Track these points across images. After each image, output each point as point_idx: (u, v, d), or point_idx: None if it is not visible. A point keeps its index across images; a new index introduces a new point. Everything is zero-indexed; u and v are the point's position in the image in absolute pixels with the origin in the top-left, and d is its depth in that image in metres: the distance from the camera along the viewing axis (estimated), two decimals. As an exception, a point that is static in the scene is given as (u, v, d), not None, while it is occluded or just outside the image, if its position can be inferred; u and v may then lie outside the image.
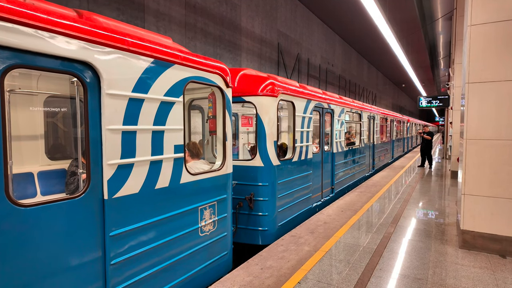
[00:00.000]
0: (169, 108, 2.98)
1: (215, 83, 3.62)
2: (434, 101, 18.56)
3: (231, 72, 5.04)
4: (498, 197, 4.25)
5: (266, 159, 4.90)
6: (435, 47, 19.50)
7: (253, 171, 4.95)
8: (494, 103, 4.25)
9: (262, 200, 4.93)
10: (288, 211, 5.49)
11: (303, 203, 6.09)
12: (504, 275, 3.70)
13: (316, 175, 6.72)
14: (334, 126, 7.73)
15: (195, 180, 3.32)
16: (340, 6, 15.35)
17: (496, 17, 4.18)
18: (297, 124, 5.74)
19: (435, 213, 6.44)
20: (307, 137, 6.13)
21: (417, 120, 32.13)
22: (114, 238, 2.49)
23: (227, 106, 3.80)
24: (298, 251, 4.41)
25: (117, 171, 2.50)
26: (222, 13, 9.97)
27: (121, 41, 2.54)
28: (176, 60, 3.05)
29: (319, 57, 17.58)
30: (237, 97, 4.97)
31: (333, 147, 7.69)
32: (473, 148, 4.39)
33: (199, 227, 3.38)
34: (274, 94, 4.97)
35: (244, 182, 4.98)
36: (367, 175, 11.17)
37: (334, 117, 7.69)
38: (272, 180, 5.00)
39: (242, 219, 5.04)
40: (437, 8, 13.31)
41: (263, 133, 4.86)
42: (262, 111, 4.85)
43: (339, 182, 8.14)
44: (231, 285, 3.48)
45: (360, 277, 3.63)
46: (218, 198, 3.67)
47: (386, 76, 35.37)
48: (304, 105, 6.03)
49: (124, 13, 6.96)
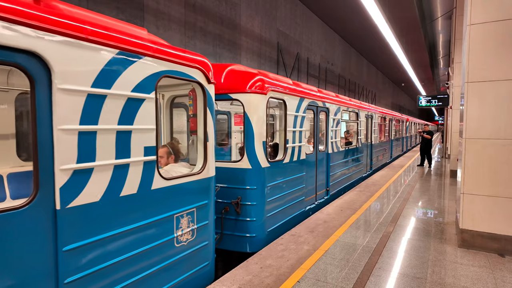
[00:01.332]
0: (138, 105, 2.66)
1: (195, 78, 3.30)
2: (434, 100, 18.57)
3: (218, 67, 4.84)
4: (497, 196, 4.26)
5: (254, 161, 4.62)
6: (434, 46, 19.50)
7: (240, 174, 4.65)
8: (493, 103, 4.25)
9: (249, 204, 4.62)
10: (278, 215, 5.21)
11: (295, 207, 5.81)
12: (503, 274, 3.71)
13: (309, 177, 6.46)
14: (330, 125, 7.48)
15: (170, 186, 3.01)
16: (340, 5, 15.34)
17: (496, 16, 4.18)
18: (289, 123, 5.48)
19: (435, 212, 6.45)
20: (299, 137, 5.86)
21: (417, 119, 32.14)
22: (69, 254, 2.19)
23: (209, 103, 3.51)
24: (297, 250, 4.42)
25: (73, 177, 2.21)
26: (221, 12, 9.96)
27: (78, 29, 2.21)
28: (147, 52, 2.72)
29: (318, 56, 17.58)
30: (224, 94, 4.68)
31: (328, 147, 7.46)
32: (472, 148, 4.40)
33: (175, 237, 3.08)
34: (263, 92, 4.69)
35: (230, 185, 4.68)
36: (364, 176, 10.95)
37: (330, 116, 7.46)
38: (261, 183, 4.70)
39: (229, 224, 4.72)
40: (436, 7, 13.31)
41: (251, 133, 4.59)
42: (250, 110, 4.56)
43: (334, 183, 7.89)
44: (231, 284, 3.49)
45: (359, 276, 3.64)
46: (197, 205, 3.37)
47: (386, 75, 35.37)
48: (297, 104, 5.76)
49: (123, 12, 6.95)
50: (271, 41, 12.80)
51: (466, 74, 4.41)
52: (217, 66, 4.91)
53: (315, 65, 17.18)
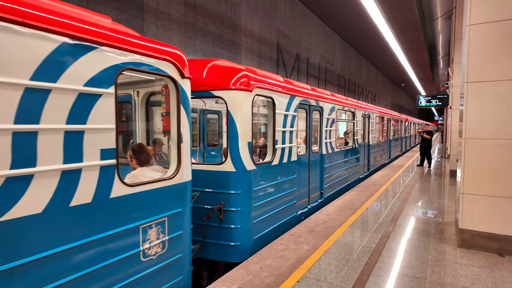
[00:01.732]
0: (93, 101, 2.30)
1: (165, 72, 2.97)
2: (433, 100, 18.57)
3: (200, 63, 4.56)
4: (497, 196, 4.26)
5: (238, 163, 4.29)
6: (434, 46, 19.51)
7: (224, 177, 4.31)
8: (493, 103, 4.26)
9: (233, 210, 4.29)
10: (266, 221, 4.88)
11: (285, 212, 5.48)
12: (502, 274, 3.72)
13: (302, 179, 6.15)
14: (323, 125, 7.16)
15: (135, 193, 2.69)
16: (340, 5, 15.35)
17: (495, 17, 4.18)
18: (278, 123, 5.16)
19: (434, 212, 6.46)
20: (290, 138, 5.53)
21: (416, 119, 32.11)
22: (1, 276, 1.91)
23: (183, 100, 3.20)
24: (297, 250, 4.42)
25: (5, 186, 1.89)
26: (221, 12, 9.96)
27: (11, 11, 1.87)
28: (104, 41, 2.36)
29: (318, 56, 17.58)
30: (205, 91, 4.37)
31: (322, 148, 7.14)
32: (472, 148, 4.41)
33: (141, 251, 2.75)
34: (248, 88, 4.37)
35: (213, 189, 4.36)
36: (361, 177, 10.62)
37: (324, 116, 7.15)
38: (246, 187, 4.37)
39: (212, 232, 4.38)
40: (436, 7, 13.32)
41: (234, 133, 4.27)
42: (233, 108, 4.25)
43: (329, 185, 7.59)
44: (231, 284, 3.49)
45: (359, 276, 3.65)
46: (169, 213, 3.05)
47: (385, 75, 35.39)
48: (287, 102, 5.44)
49: (123, 12, 6.95)
50: (271, 41, 12.80)
51: (465, 74, 4.41)
52: (199, 61, 4.64)
53: (315, 65, 17.18)
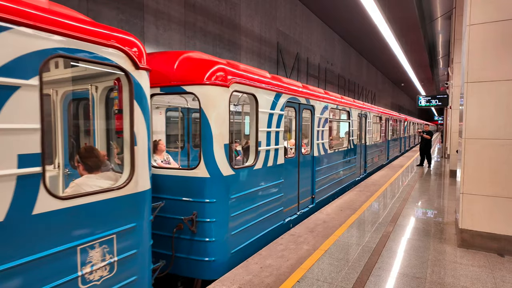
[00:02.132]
0: (5, 96, 1.88)
1: (112, 61, 2.50)
2: (433, 100, 18.58)
3: (171, 55, 4.11)
4: (497, 196, 4.27)
5: (213, 168, 3.81)
6: (434, 46, 19.53)
7: (196, 184, 3.83)
8: (493, 103, 4.26)
9: (208, 221, 3.81)
10: (246, 232, 4.39)
11: (270, 220, 5.02)
12: (502, 274, 3.72)
13: (290, 184, 5.68)
14: (315, 125, 6.69)
15: (71, 207, 2.25)
16: (340, 6, 15.35)
17: (495, 17, 4.19)
18: (262, 123, 4.71)
19: (434, 212, 6.46)
20: (276, 139, 5.07)
21: (416, 119, 32.08)
22: None
23: (138, 95, 2.72)
24: (297, 250, 4.43)
25: None
26: (221, 12, 9.96)
27: None
28: (22, 20, 1.92)
29: (318, 56, 17.59)
30: (176, 86, 3.87)
31: (314, 150, 6.67)
32: (472, 148, 4.41)
33: (80, 276, 2.31)
34: (225, 84, 3.90)
35: (184, 197, 3.87)
36: (357, 179, 10.21)
37: (315, 115, 6.68)
38: (222, 195, 3.91)
39: (183, 246, 3.88)
40: (436, 7, 13.33)
41: (208, 134, 3.78)
42: (207, 105, 3.77)
43: (321, 189, 7.14)
44: (231, 284, 3.49)
45: (359, 276, 3.65)
46: (119, 229, 2.58)
47: (385, 75, 35.40)
48: (272, 99, 4.98)
49: (123, 12, 6.95)
50: (271, 41, 12.80)
51: (465, 74, 4.42)
52: (171, 53, 4.20)
53: (315, 65, 17.18)
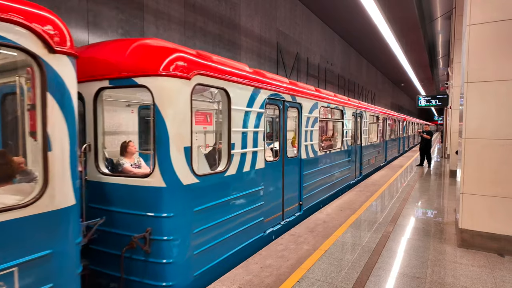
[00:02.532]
0: None
1: (14, 42, 1.99)
2: (433, 100, 18.59)
3: (125, 43, 3.46)
4: (497, 196, 4.27)
5: (170, 176, 3.19)
6: (434, 46, 19.53)
7: (150, 195, 3.22)
8: (493, 103, 4.27)
9: (164, 239, 3.21)
10: (215, 250, 3.76)
11: (247, 233, 4.40)
12: (502, 274, 3.72)
13: (272, 191, 5.12)
14: (302, 124, 6.14)
15: None
16: (340, 5, 15.35)
17: (495, 17, 4.19)
18: (235, 122, 4.11)
19: (434, 212, 6.46)
20: (254, 141, 4.52)
21: (415, 119, 32.06)
22: None
23: (53, 87, 2.18)
24: (297, 250, 4.42)
25: None
26: (221, 12, 9.96)
27: None
28: None
29: (318, 56, 17.58)
30: (126, 78, 3.24)
31: (301, 152, 6.10)
32: (472, 148, 4.41)
33: None
34: (185, 75, 3.30)
35: (136, 211, 3.27)
36: (352, 183, 9.58)
37: (303, 114, 6.10)
38: (182, 208, 3.31)
39: (136, 267, 3.28)
40: (436, 7, 13.33)
41: (164, 135, 3.17)
42: (162, 100, 3.16)
43: (310, 195, 6.54)
44: (231, 284, 3.49)
45: (359, 276, 3.65)
46: (24, 260, 2.06)
47: (385, 75, 35.40)
48: (249, 95, 4.39)
49: (123, 12, 6.95)
50: (270, 41, 12.80)
51: (465, 74, 4.42)
52: (125, 41, 3.59)
53: (315, 65, 17.18)
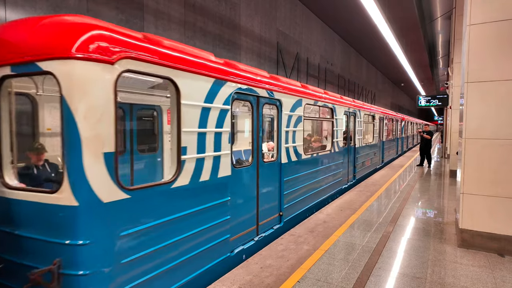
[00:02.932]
0: None
1: None
2: (433, 100, 18.59)
3: (35, 20, 2.67)
4: (497, 196, 4.27)
5: (83, 191, 2.45)
6: (434, 46, 19.53)
7: (58, 216, 2.47)
8: (493, 103, 4.26)
9: (79, 275, 2.45)
10: (154, 283, 2.98)
11: (203, 258, 3.60)
12: (503, 274, 3.72)
13: (242, 202, 4.40)
14: (282, 124, 5.37)
15: None
16: (340, 6, 15.35)
17: (496, 17, 4.19)
18: (187, 121, 3.34)
19: (434, 212, 6.46)
20: (216, 144, 3.78)
21: (414, 119, 31.99)
22: None
23: None
24: (297, 250, 4.42)
25: None
26: (221, 12, 9.96)
27: None
28: None
29: (318, 56, 17.59)
30: (29, 63, 2.50)
31: (282, 155, 5.36)
32: (472, 148, 4.41)
33: None
34: (107, 58, 2.53)
35: (40, 236, 2.54)
36: (345, 187, 8.80)
37: (283, 111, 5.34)
38: (102, 233, 2.55)
39: None
40: (436, 7, 13.33)
41: (73, 137, 2.41)
42: (71, 91, 2.41)
43: (292, 204, 5.79)
44: (231, 284, 3.49)
45: (359, 276, 3.65)
46: None
47: (385, 75, 35.40)
48: (208, 89, 3.62)
49: (123, 12, 6.94)
50: (271, 41, 12.80)
51: (465, 74, 4.41)
52: (35, 19, 2.71)
53: (315, 65, 17.18)
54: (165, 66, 3.06)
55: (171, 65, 3.12)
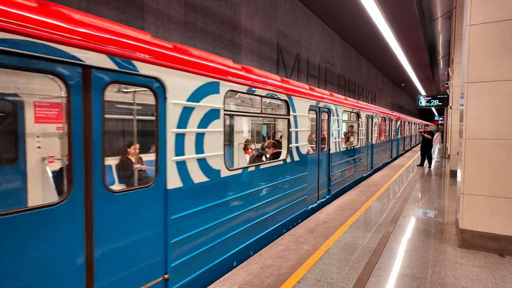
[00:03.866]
0: None
1: None
2: (434, 101, 18.60)
3: None
4: (497, 196, 4.26)
5: None
6: (434, 46, 19.52)
7: None
8: (493, 103, 4.26)
9: None
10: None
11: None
12: (503, 274, 3.72)
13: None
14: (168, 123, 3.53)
15: None
16: (340, 6, 15.35)
17: (496, 17, 4.19)
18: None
19: (434, 212, 6.45)
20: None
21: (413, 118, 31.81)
22: None
23: None
24: (297, 250, 4.42)
25: None
26: (221, 12, 9.96)
27: None
28: None
29: (318, 56, 17.58)
30: None
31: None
32: (472, 148, 4.41)
33: None
34: None
35: None
36: (315, 206, 6.78)
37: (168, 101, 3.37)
38: None
39: None
40: (436, 8, 13.32)
41: None
42: None
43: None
44: (231, 284, 3.49)
45: (359, 276, 3.65)
46: None
47: (386, 75, 35.39)
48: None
49: (123, 12, 6.95)
50: (271, 41, 12.79)
51: (466, 74, 4.41)
52: None
53: (315, 65, 17.18)
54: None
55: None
